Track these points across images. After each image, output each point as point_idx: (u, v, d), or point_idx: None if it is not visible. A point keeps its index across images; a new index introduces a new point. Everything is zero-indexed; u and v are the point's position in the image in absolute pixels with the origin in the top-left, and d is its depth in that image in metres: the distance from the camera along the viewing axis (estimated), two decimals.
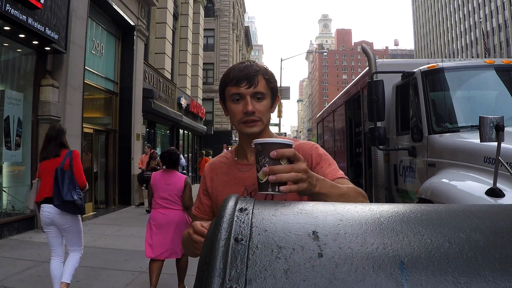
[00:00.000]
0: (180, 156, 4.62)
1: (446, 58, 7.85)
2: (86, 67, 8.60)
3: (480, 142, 2.56)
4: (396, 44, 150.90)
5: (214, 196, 1.31)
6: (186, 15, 19.34)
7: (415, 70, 4.28)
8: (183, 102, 17.25)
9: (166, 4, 15.09)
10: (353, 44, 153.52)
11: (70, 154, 3.59)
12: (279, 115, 25.30)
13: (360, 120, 6.46)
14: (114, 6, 9.86)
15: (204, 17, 24.63)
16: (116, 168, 10.91)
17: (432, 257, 0.47)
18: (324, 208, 0.63)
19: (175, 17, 17.99)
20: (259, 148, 0.95)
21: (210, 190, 1.33)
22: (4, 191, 6.79)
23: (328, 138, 9.92)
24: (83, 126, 8.58)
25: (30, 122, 7.13)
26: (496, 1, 53.34)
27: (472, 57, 54.83)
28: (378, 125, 3.98)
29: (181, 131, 18.99)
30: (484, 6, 56.59)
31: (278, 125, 28.04)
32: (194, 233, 1.02)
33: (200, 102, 23.00)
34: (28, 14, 6.12)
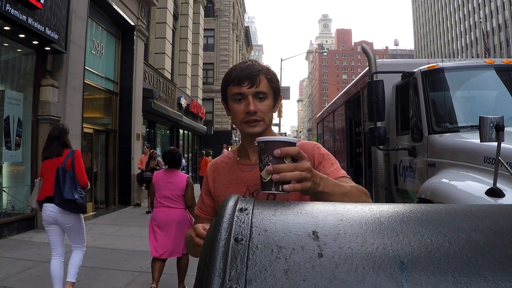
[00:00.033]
0: (182, 156, 4.64)
1: (446, 58, 7.85)
2: (86, 67, 8.60)
3: (480, 142, 2.57)
4: (396, 44, 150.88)
5: (216, 196, 1.30)
6: (186, 15, 19.34)
7: (415, 70, 4.28)
8: (183, 102, 17.25)
9: (166, 4, 15.09)
10: (353, 44, 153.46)
11: (72, 153, 3.64)
12: (279, 115, 25.34)
13: (360, 120, 6.46)
14: (114, 6, 9.86)
15: (204, 17, 24.63)
16: (116, 168, 10.91)
17: (432, 257, 0.47)
18: (324, 208, 0.63)
19: (175, 17, 17.99)
20: (262, 146, 0.93)
21: (213, 190, 1.32)
22: (4, 191, 6.79)
23: (328, 138, 9.92)
24: (83, 126, 8.58)
25: (30, 122, 7.13)
26: (496, 1, 53.33)
27: (472, 57, 54.83)
28: (378, 125, 3.98)
29: (181, 131, 18.99)
30: (484, 6, 56.58)
31: (278, 125, 28.09)
32: (196, 236, 1.02)
33: (200, 102, 23.00)
34: (28, 14, 6.12)
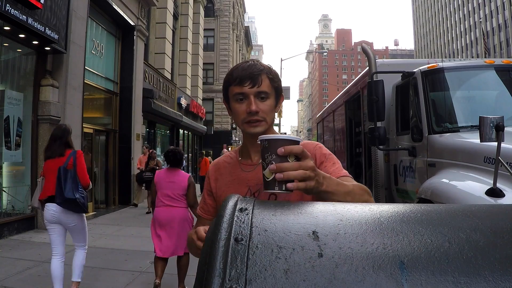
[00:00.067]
0: (183, 155, 4.66)
1: (446, 58, 7.85)
2: (86, 67, 8.60)
3: (480, 142, 2.56)
4: (396, 44, 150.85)
5: (218, 196, 1.30)
6: (186, 15, 19.34)
7: (415, 70, 4.28)
8: (183, 102, 17.24)
9: (166, 4, 15.09)
10: (353, 44, 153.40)
11: (74, 154, 3.67)
12: (279, 115, 25.30)
13: (360, 120, 6.46)
14: (114, 6, 9.85)
15: (204, 17, 24.63)
16: (116, 168, 10.91)
17: (432, 257, 0.47)
18: (324, 208, 0.63)
19: (175, 17, 17.99)
20: (265, 144, 0.90)
21: (214, 190, 1.32)
22: (4, 191, 6.79)
23: (328, 138, 9.91)
24: (83, 126, 8.58)
25: (30, 122, 7.13)
26: (496, 1, 53.32)
27: (472, 57, 54.83)
28: (378, 125, 3.98)
29: (181, 131, 18.99)
30: (484, 6, 56.58)
31: (278, 125, 28.09)
32: (197, 239, 1.02)
33: (200, 102, 23.01)
34: (28, 14, 6.12)
